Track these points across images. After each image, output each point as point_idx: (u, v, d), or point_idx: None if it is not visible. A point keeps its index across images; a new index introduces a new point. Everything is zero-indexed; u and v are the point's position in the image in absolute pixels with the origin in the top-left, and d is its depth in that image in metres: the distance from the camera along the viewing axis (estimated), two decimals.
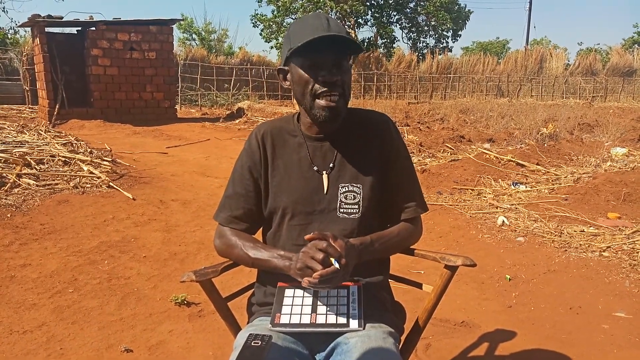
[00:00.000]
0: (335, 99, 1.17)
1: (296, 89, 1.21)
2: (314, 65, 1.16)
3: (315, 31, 1.12)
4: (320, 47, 1.13)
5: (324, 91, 1.16)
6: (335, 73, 1.16)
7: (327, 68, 1.16)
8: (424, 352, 2.14)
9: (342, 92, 1.18)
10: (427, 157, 6.73)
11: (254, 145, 1.29)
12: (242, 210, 1.28)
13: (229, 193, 1.30)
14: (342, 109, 1.20)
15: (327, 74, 1.15)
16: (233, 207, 1.28)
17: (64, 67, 10.37)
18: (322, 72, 1.16)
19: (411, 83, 20.20)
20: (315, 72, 1.16)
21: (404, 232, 1.28)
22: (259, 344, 0.99)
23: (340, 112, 1.20)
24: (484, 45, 34.42)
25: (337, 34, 1.12)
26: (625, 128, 8.96)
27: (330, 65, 1.16)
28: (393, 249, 1.29)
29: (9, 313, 2.36)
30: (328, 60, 1.16)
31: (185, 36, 23.55)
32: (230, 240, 1.27)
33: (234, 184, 1.31)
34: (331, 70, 1.16)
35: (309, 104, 1.19)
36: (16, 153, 4.98)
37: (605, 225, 3.74)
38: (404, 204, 1.29)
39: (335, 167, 1.26)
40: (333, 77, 1.16)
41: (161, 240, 3.44)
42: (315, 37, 1.10)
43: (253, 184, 1.28)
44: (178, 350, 2.13)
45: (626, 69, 21.23)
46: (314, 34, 1.11)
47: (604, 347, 2.18)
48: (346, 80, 1.19)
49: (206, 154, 7.07)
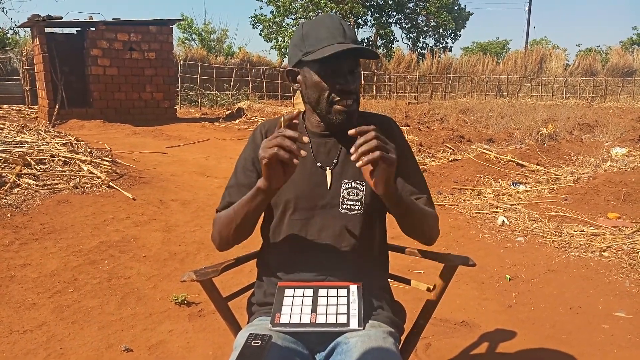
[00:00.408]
0: (350, 104, 1.19)
1: (311, 94, 1.21)
2: (330, 73, 1.17)
3: (333, 38, 1.14)
4: (338, 56, 1.13)
5: (342, 97, 1.18)
6: (351, 81, 1.17)
7: (343, 75, 1.17)
8: (424, 352, 2.14)
9: (356, 98, 1.21)
10: (427, 157, 6.73)
11: (258, 140, 1.29)
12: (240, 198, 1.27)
13: (231, 184, 1.30)
14: (356, 112, 1.23)
15: (344, 82, 1.17)
16: (233, 195, 1.27)
17: (64, 67, 10.36)
18: (340, 80, 1.17)
19: (411, 83, 20.20)
20: (332, 80, 1.17)
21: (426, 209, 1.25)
22: (259, 343, 1.00)
23: (354, 115, 1.22)
24: (484, 45, 34.43)
25: (359, 47, 1.14)
26: (625, 128, 8.96)
27: (345, 73, 1.17)
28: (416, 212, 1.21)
29: (9, 313, 2.36)
30: (344, 68, 1.17)
31: (185, 36, 23.57)
32: (218, 219, 1.26)
33: (236, 175, 1.31)
34: (347, 78, 1.17)
35: (324, 110, 1.21)
36: (16, 153, 4.98)
37: (605, 225, 3.75)
38: (414, 197, 1.27)
39: (339, 163, 1.26)
40: (350, 86, 1.17)
41: (161, 240, 3.44)
42: (338, 50, 1.11)
43: (256, 176, 1.27)
44: (178, 350, 2.13)
45: (626, 70, 21.25)
46: (333, 41, 1.13)
47: (604, 347, 2.18)
48: (359, 85, 1.22)
49: (206, 154, 7.07)
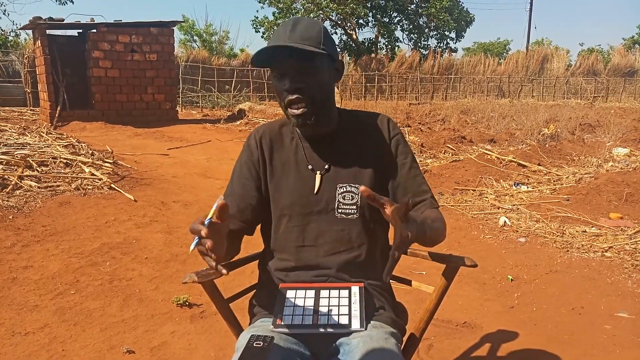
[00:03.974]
0: (301, 107, 1.16)
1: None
2: (279, 76, 1.17)
3: (276, 40, 1.13)
4: (282, 56, 1.13)
5: (290, 100, 1.16)
6: (299, 80, 1.15)
7: (290, 76, 1.15)
8: (426, 353, 2.13)
9: (311, 97, 1.16)
10: (429, 157, 6.72)
11: (253, 146, 1.30)
12: (236, 209, 1.26)
13: (228, 192, 1.30)
14: (313, 113, 1.18)
15: (289, 83, 1.15)
16: (230, 205, 1.27)
17: (65, 69, 10.39)
18: (286, 82, 1.15)
19: (412, 84, 20.20)
20: (282, 83, 1.16)
21: (435, 216, 1.21)
22: (261, 345, 0.99)
23: (310, 116, 1.18)
24: (485, 46, 34.43)
25: (286, 44, 1.10)
26: (626, 128, 8.95)
27: (293, 73, 1.14)
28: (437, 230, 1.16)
29: (11, 315, 2.36)
30: (291, 69, 1.15)
31: (186, 38, 23.62)
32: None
33: (232, 183, 1.31)
34: (294, 78, 1.14)
35: (286, 115, 1.21)
36: (18, 155, 4.98)
37: (607, 226, 3.74)
38: (418, 199, 1.26)
39: (333, 167, 1.25)
40: (295, 85, 1.14)
41: (163, 241, 3.44)
42: (260, 49, 1.12)
43: (251, 183, 1.28)
44: (180, 352, 2.13)
45: (628, 69, 21.23)
46: (273, 43, 1.12)
47: (606, 348, 2.17)
48: (314, 83, 1.16)
49: (207, 155, 7.08)
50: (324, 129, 1.26)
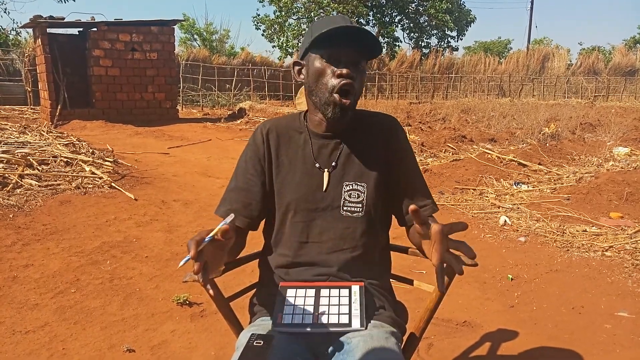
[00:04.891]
0: (348, 96, 1.17)
1: (311, 80, 1.21)
2: (332, 58, 1.17)
3: (339, 23, 1.15)
4: (341, 42, 1.14)
5: (344, 84, 1.16)
6: (353, 70, 1.17)
7: (344, 63, 1.16)
8: (426, 352, 2.13)
9: (355, 91, 1.18)
10: (429, 157, 6.72)
11: (259, 141, 1.29)
12: (241, 204, 1.26)
13: (231, 187, 1.30)
14: (352, 107, 1.20)
15: (345, 69, 1.16)
16: (233, 200, 1.27)
17: (66, 68, 10.38)
18: (341, 66, 1.16)
19: (413, 83, 20.19)
20: (333, 65, 1.17)
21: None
22: (261, 344, 1.00)
23: (350, 109, 1.20)
24: (486, 45, 34.39)
25: (361, 27, 1.14)
26: (627, 127, 8.94)
27: (347, 62, 1.16)
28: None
29: (12, 313, 2.37)
30: (347, 56, 1.16)
31: (186, 36, 23.61)
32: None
33: (236, 178, 1.30)
34: (348, 66, 1.16)
35: (322, 97, 1.19)
36: (18, 154, 4.99)
37: (607, 225, 3.74)
38: (420, 204, 1.26)
39: (340, 165, 1.25)
40: (351, 72, 1.16)
41: (163, 240, 3.44)
42: (339, 26, 1.12)
43: (255, 179, 1.27)
44: (180, 350, 2.13)
45: (628, 69, 21.22)
46: (338, 24, 1.13)
47: (606, 347, 2.17)
48: (360, 81, 1.19)
49: (208, 154, 7.08)
50: (344, 125, 1.26)
